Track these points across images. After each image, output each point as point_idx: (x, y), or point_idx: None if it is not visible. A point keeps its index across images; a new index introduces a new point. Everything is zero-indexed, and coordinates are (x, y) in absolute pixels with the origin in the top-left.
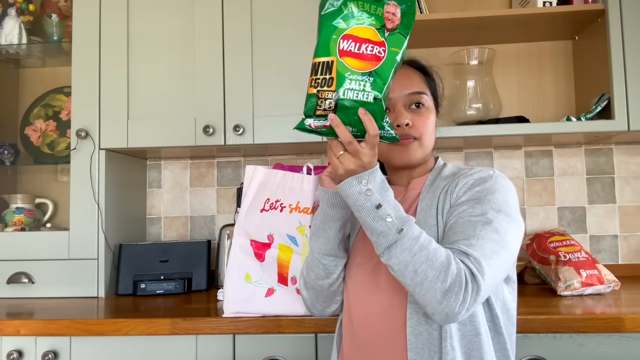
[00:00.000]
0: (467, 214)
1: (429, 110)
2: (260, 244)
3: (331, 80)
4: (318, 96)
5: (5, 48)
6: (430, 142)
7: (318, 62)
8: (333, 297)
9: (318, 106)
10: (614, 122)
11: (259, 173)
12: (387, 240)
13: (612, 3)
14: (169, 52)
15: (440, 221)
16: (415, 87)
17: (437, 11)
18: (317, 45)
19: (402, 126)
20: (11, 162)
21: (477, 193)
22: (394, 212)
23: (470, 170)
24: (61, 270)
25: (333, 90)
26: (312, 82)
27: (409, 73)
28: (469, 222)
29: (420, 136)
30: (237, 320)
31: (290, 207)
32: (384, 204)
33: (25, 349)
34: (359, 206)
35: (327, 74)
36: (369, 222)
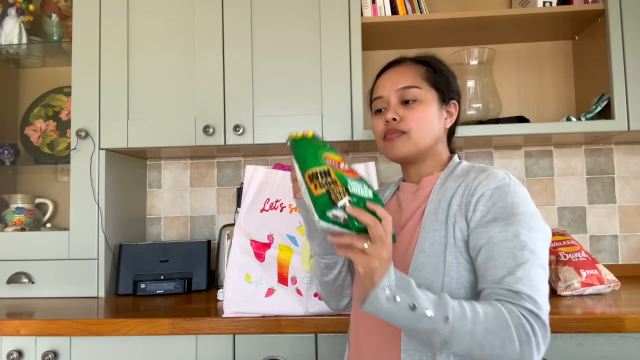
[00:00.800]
0: (500, 239)
1: (423, 103)
2: (260, 244)
3: (335, 182)
4: (329, 193)
5: (5, 48)
6: (423, 136)
7: (314, 172)
8: (342, 291)
9: (333, 201)
10: (614, 122)
11: (259, 173)
12: (440, 336)
13: (612, 3)
14: (169, 52)
15: (450, 230)
16: (406, 82)
17: (437, 11)
18: (304, 160)
19: (389, 121)
20: (11, 162)
21: (502, 210)
22: (429, 303)
23: (481, 174)
24: (61, 270)
25: (343, 189)
26: (317, 185)
27: (402, 69)
28: (506, 250)
29: (409, 130)
30: (237, 320)
31: (290, 207)
32: (415, 300)
33: (25, 349)
34: (393, 316)
35: (329, 178)
36: (413, 327)
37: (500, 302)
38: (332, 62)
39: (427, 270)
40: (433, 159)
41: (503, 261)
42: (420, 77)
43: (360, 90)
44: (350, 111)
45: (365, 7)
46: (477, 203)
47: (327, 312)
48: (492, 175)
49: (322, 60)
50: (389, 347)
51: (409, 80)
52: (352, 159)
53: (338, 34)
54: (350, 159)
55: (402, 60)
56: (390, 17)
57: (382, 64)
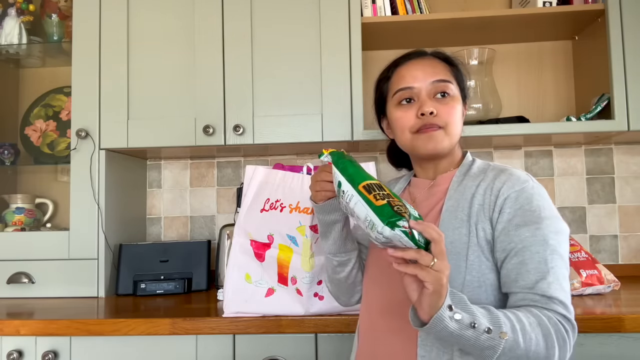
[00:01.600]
0: (531, 243)
1: (455, 99)
2: (260, 244)
3: (390, 195)
4: (391, 204)
5: (5, 48)
6: (456, 132)
7: (369, 184)
8: (353, 287)
9: (397, 212)
10: (614, 122)
11: (259, 173)
12: (494, 351)
13: (612, 3)
14: (169, 52)
15: (472, 229)
16: (440, 75)
17: (437, 11)
18: (355, 172)
19: (426, 114)
20: (11, 162)
21: (529, 214)
22: (485, 319)
23: (501, 174)
24: (61, 270)
25: (400, 203)
26: (377, 197)
27: (433, 62)
28: (538, 255)
29: (446, 125)
30: (237, 320)
31: (290, 207)
32: (474, 318)
33: (25, 349)
34: (455, 336)
35: (384, 191)
36: (470, 344)
37: (537, 308)
38: (332, 62)
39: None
40: (452, 156)
41: (535, 266)
42: (449, 73)
43: (360, 90)
44: (350, 111)
45: (365, 7)
46: (503, 205)
47: (327, 312)
48: (515, 177)
49: (322, 60)
50: (406, 342)
51: (443, 74)
52: None
53: (338, 34)
54: None
55: (425, 54)
56: (390, 17)
57: (383, 64)
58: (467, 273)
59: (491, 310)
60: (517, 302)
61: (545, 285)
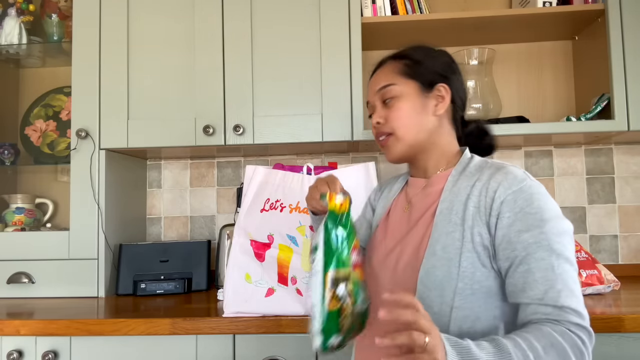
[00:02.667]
0: (535, 249)
1: (401, 98)
2: (260, 244)
3: (350, 294)
4: (341, 312)
5: (6, 48)
6: (410, 131)
7: (338, 276)
8: None
9: (340, 325)
10: (614, 122)
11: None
12: None
13: (612, 3)
14: (169, 52)
15: (467, 233)
16: (381, 82)
17: (437, 11)
18: (334, 251)
19: (374, 125)
20: (11, 162)
21: (531, 217)
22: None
23: (497, 172)
24: (61, 270)
25: (351, 308)
26: (334, 297)
27: (381, 70)
28: (544, 262)
29: (394, 130)
30: (237, 320)
31: (290, 207)
32: None
33: (25, 349)
34: None
35: (348, 287)
36: None
37: (550, 324)
38: (332, 62)
39: (438, 274)
40: (436, 151)
41: (542, 274)
42: (395, 73)
43: (360, 90)
44: (350, 111)
45: (365, 7)
46: (501, 209)
47: None
48: (511, 176)
49: (322, 60)
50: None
51: (384, 79)
52: (352, 159)
53: (338, 34)
54: (350, 159)
55: (384, 61)
56: (390, 17)
57: None
58: (459, 280)
59: (500, 345)
60: (528, 317)
61: (555, 294)
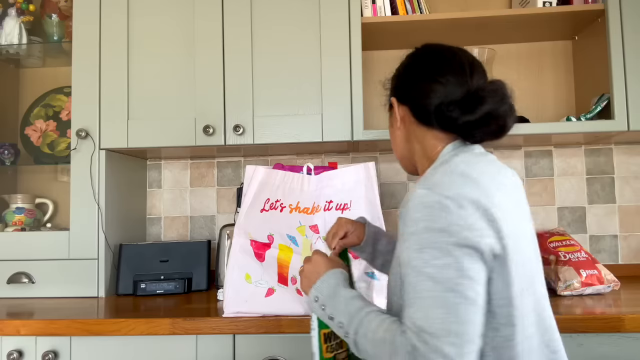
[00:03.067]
0: (405, 267)
1: (390, 124)
2: (260, 244)
3: (341, 344)
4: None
5: (6, 48)
6: (398, 153)
7: (330, 332)
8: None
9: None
10: (614, 122)
11: (259, 173)
12: (350, 341)
13: (612, 3)
14: (169, 51)
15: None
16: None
17: (437, 11)
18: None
19: None
20: (11, 162)
21: (404, 233)
22: (344, 317)
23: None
24: (61, 270)
25: (346, 350)
26: (329, 348)
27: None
28: (408, 282)
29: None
30: (237, 320)
31: (290, 207)
32: (334, 313)
33: (25, 349)
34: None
35: (338, 339)
36: (335, 330)
37: (403, 331)
38: (332, 62)
39: (391, 285)
40: (418, 157)
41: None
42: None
43: (360, 90)
44: (350, 111)
45: (365, 7)
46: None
47: None
48: (414, 193)
49: (322, 60)
50: None
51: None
52: (352, 159)
53: (338, 34)
54: (350, 159)
55: None
56: (390, 17)
57: (383, 64)
58: (392, 294)
59: (360, 312)
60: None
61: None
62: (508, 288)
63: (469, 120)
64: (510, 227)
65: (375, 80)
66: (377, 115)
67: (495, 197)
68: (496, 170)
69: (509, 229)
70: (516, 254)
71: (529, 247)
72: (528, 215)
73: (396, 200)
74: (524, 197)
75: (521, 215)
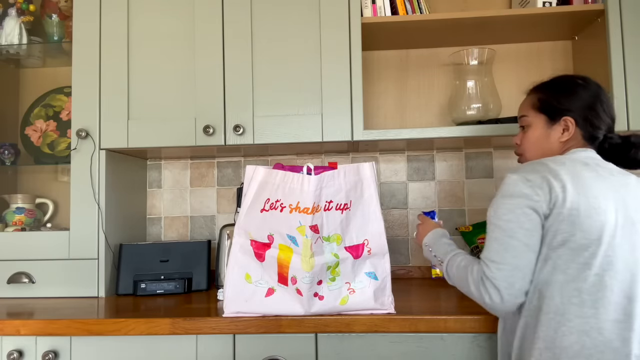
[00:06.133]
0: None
1: (530, 127)
2: (260, 244)
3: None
4: None
5: (6, 48)
6: (533, 155)
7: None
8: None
9: None
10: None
11: (259, 173)
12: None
13: (612, 3)
14: (169, 52)
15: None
16: (520, 111)
17: (437, 11)
18: None
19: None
20: (11, 162)
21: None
22: (441, 255)
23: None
24: (61, 270)
25: None
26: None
27: (525, 98)
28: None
29: (523, 152)
30: (237, 320)
31: (290, 207)
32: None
33: (25, 349)
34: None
35: None
36: (437, 266)
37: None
38: (332, 62)
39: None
40: None
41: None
42: (529, 106)
43: (360, 90)
44: (350, 111)
45: (365, 7)
46: None
47: (327, 312)
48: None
49: (322, 61)
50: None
51: (522, 109)
52: (352, 159)
53: (338, 34)
54: (350, 159)
55: (530, 90)
56: (390, 17)
57: (383, 64)
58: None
59: (450, 251)
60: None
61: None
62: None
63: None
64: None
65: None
66: (377, 115)
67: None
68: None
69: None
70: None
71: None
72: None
73: (396, 200)
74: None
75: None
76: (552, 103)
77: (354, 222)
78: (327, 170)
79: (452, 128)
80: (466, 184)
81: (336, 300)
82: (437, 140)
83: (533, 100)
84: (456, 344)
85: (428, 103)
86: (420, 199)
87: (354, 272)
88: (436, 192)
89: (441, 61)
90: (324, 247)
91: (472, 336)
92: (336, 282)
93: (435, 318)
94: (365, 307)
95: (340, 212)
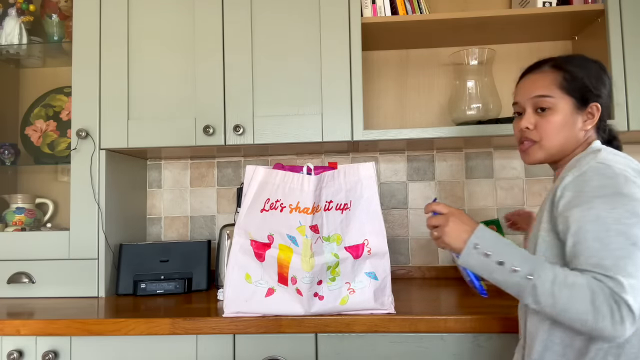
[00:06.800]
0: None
1: (556, 112)
2: (260, 244)
3: None
4: None
5: (6, 48)
6: (554, 144)
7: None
8: None
9: None
10: (614, 122)
11: (259, 173)
12: (526, 292)
13: (612, 3)
14: (169, 52)
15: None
16: (537, 90)
17: (437, 11)
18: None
19: (523, 129)
20: (11, 162)
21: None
22: (517, 262)
23: (577, 161)
24: (61, 270)
25: None
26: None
27: (539, 76)
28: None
29: (540, 139)
30: (237, 320)
31: (290, 207)
32: (502, 257)
33: (25, 349)
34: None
35: None
36: (503, 279)
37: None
38: (332, 62)
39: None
40: (571, 157)
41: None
42: (555, 85)
43: (360, 90)
44: (350, 111)
45: (365, 7)
46: (564, 191)
47: (327, 312)
48: (582, 162)
49: (322, 61)
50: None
51: (542, 88)
52: (352, 159)
53: (338, 34)
54: (350, 159)
55: (542, 65)
56: (390, 17)
57: (383, 64)
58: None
59: (537, 261)
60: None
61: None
62: None
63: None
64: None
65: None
66: (377, 115)
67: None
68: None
69: None
70: None
71: None
72: None
73: (396, 200)
74: None
75: None
76: (587, 85)
77: (354, 222)
78: (327, 170)
79: (452, 128)
80: (466, 184)
81: (336, 300)
82: (437, 140)
83: (558, 79)
84: (456, 344)
85: (428, 103)
86: (420, 199)
87: (354, 272)
88: (436, 192)
89: (441, 61)
90: (324, 247)
91: (472, 336)
92: (336, 282)
93: (435, 318)
94: (365, 307)
95: (340, 212)
